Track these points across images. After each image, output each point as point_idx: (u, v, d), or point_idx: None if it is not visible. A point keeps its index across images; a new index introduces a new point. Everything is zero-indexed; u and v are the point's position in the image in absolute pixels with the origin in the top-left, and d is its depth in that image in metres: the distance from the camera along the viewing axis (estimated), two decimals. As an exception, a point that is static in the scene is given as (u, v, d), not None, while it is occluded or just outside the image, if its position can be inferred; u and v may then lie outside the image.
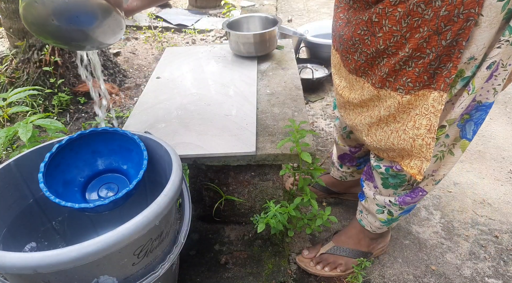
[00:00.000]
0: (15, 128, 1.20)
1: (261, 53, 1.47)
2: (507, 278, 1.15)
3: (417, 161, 0.82)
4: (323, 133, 1.89)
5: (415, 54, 0.71)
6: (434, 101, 0.73)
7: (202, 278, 1.04)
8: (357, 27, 0.77)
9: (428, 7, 0.65)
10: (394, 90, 0.79)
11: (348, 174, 1.34)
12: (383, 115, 0.85)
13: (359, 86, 0.89)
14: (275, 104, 1.19)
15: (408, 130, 0.80)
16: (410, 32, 0.69)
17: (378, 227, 1.09)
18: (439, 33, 0.66)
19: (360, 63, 0.83)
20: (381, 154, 0.93)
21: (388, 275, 1.16)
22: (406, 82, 0.75)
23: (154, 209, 0.66)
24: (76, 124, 1.96)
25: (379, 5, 0.69)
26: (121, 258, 0.65)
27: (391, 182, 0.96)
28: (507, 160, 1.68)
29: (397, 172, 0.92)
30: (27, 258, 0.57)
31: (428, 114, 0.75)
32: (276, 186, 1.10)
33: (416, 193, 0.95)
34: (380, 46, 0.75)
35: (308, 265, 1.16)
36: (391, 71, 0.76)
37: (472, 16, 0.63)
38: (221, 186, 1.11)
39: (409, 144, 0.81)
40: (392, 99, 0.80)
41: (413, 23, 0.68)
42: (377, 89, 0.82)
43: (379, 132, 0.89)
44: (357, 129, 0.96)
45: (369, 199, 1.06)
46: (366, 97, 0.87)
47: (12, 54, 2.13)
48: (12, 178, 0.83)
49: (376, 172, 0.99)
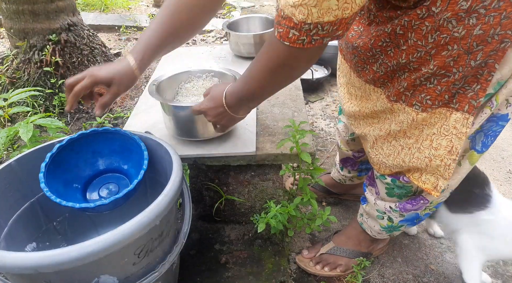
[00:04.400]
0: (16, 128, 1.20)
1: (261, 54, 1.47)
2: (506, 278, 1.15)
3: (430, 177, 0.79)
4: (323, 133, 1.89)
5: (439, 71, 0.67)
6: (457, 123, 0.70)
7: (202, 277, 1.04)
8: (378, 39, 0.72)
9: (460, 24, 0.60)
10: (409, 105, 0.75)
11: (348, 178, 1.34)
12: (393, 130, 0.81)
13: (375, 96, 0.85)
14: (275, 104, 1.19)
15: (423, 149, 0.77)
16: (436, 49, 0.65)
17: (378, 232, 1.08)
18: (469, 53, 0.63)
19: (379, 74, 0.79)
20: (382, 170, 0.90)
21: (388, 275, 1.16)
22: (425, 99, 0.71)
23: (154, 209, 0.66)
24: (76, 124, 1.96)
25: (405, 17, 0.64)
26: (121, 257, 0.65)
27: (397, 192, 0.93)
28: (506, 160, 1.68)
29: (405, 183, 0.89)
30: (28, 258, 0.57)
31: (448, 135, 0.72)
32: (276, 186, 1.10)
33: (417, 201, 0.92)
34: (402, 60, 0.71)
35: (308, 265, 1.16)
36: (410, 85, 0.72)
37: (508, 38, 0.59)
38: (221, 186, 1.11)
39: (424, 163, 0.77)
40: (405, 115, 0.76)
41: (441, 40, 0.63)
42: (391, 102, 0.78)
43: (386, 145, 0.86)
44: (365, 139, 0.93)
45: (370, 204, 1.05)
46: (379, 109, 0.83)
47: (13, 55, 2.13)
48: (13, 178, 0.83)
49: (380, 181, 0.96)
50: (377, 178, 0.97)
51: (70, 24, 2.12)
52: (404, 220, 0.99)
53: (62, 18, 2.09)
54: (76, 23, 2.17)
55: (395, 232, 1.06)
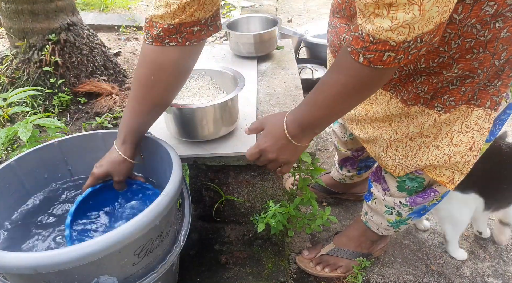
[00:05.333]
0: (15, 128, 1.20)
1: (261, 54, 1.47)
2: (506, 278, 1.15)
3: (446, 171, 0.78)
4: (323, 133, 1.89)
5: (464, 73, 0.66)
6: (479, 119, 0.70)
7: (202, 278, 1.04)
8: None
9: (485, 28, 0.59)
10: (430, 107, 0.73)
11: (348, 177, 1.33)
12: (411, 132, 0.79)
13: (384, 100, 0.82)
14: (275, 104, 1.19)
15: (442, 147, 0.75)
16: (460, 53, 0.63)
17: (385, 228, 1.07)
18: (493, 54, 0.62)
19: (392, 77, 0.76)
20: (397, 172, 0.87)
21: (388, 275, 1.16)
22: (448, 100, 0.70)
23: (154, 209, 0.66)
24: (76, 124, 1.96)
25: None
26: (121, 258, 0.65)
27: (408, 186, 0.91)
28: (506, 160, 1.68)
29: (417, 175, 0.87)
30: (28, 258, 0.57)
31: (470, 131, 0.71)
32: (276, 186, 1.10)
33: (428, 193, 0.90)
34: (420, 65, 0.68)
35: (308, 265, 1.16)
36: (431, 89, 0.71)
37: None
38: (221, 186, 1.11)
39: (443, 161, 0.76)
40: (426, 117, 0.74)
41: (465, 44, 0.62)
42: (409, 106, 0.76)
43: (401, 147, 0.83)
44: (376, 143, 0.90)
45: (377, 200, 1.02)
46: (392, 113, 0.80)
47: (12, 54, 2.13)
48: (13, 178, 0.83)
49: (389, 175, 0.94)
50: (386, 173, 0.95)
51: (69, 24, 2.12)
52: (413, 213, 0.98)
53: (62, 18, 2.09)
54: (76, 23, 2.16)
55: (402, 226, 1.05)
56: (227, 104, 0.94)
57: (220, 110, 0.94)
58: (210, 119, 0.94)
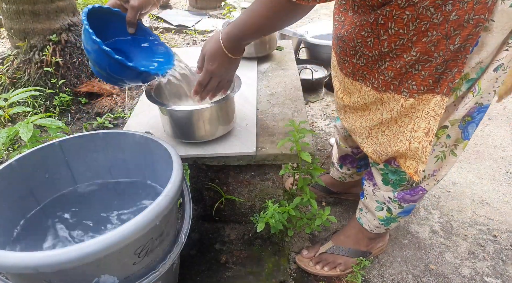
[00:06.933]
0: (16, 128, 1.20)
1: (261, 54, 1.48)
2: (506, 278, 1.15)
3: (412, 162, 0.83)
4: (323, 133, 1.89)
5: (422, 57, 0.70)
6: (436, 105, 0.73)
7: (202, 277, 1.04)
8: (361, 28, 0.76)
9: (438, 11, 0.64)
10: (398, 93, 0.78)
11: (348, 175, 1.34)
12: (385, 118, 0.84)
13: (355, 90, 0.89)
14: (275, 105, 1.19)
15: (406, 133, 0.80)
16: (417, 35, 0.68)
17: (376, 226, 1.10)
18: (447, 38, 0.66)
19: (359, 66, 0.83)
20: (376, 158, 0.94)
21: (387, 275, 1.17)
22: (411, 85, 0.75)
23: (154, 208, 0.66)
24: (77, 124, 1.96)
25: (387, 7, 0.68)
26: (121, 257, 0.66)
27: (391, 179, 0.96)
28: (505, 160, 1.68)
29: (396, 167, 0.92)
30: (28, 258, 0.57)
31: (427, 117, 0.75)
32: (276, 186, 1.11)
33: (416, 191, 0.95)
34: (384, 49, 0.74)
35: (308, 264, 1.16)
36: (397, 74, 0.76)
37: (481, 22, 0.63)
38: (222, 186, 1.12)
39: (404, 147, 0.81)
40: (395, 102, 0.80)
41: (421, 27, 0.67)
42: (381, 92, 0.81)
43: (380, 135, 0.89)
44: (356, 132, 0.96)
45: (368, 196, 1.07)
46: (368, 101, 0.86)
47: (13, 55, 2.14)
48: (14, 178, 0.83)
49: (375, 169, 1.00)
50: (372, 166, 1.01)
51: (70, 24, 2.13)
52: (403, 212, 1.03)
53: (63, 18, 2.10)
54: (77, 23, 2.17)
55: (392, 224, 1.08)
56: (223, 105, 0.95)
57: (217, 111, 0.95)
58: (207, 120, 0.95)
